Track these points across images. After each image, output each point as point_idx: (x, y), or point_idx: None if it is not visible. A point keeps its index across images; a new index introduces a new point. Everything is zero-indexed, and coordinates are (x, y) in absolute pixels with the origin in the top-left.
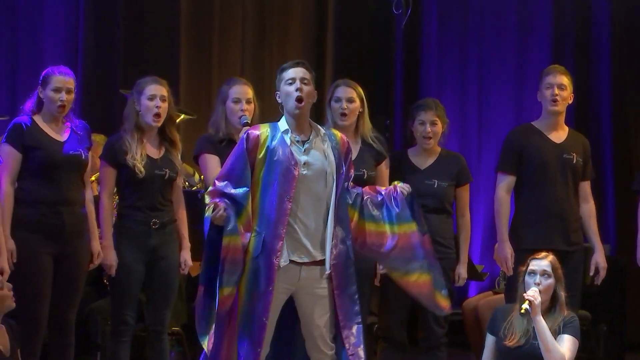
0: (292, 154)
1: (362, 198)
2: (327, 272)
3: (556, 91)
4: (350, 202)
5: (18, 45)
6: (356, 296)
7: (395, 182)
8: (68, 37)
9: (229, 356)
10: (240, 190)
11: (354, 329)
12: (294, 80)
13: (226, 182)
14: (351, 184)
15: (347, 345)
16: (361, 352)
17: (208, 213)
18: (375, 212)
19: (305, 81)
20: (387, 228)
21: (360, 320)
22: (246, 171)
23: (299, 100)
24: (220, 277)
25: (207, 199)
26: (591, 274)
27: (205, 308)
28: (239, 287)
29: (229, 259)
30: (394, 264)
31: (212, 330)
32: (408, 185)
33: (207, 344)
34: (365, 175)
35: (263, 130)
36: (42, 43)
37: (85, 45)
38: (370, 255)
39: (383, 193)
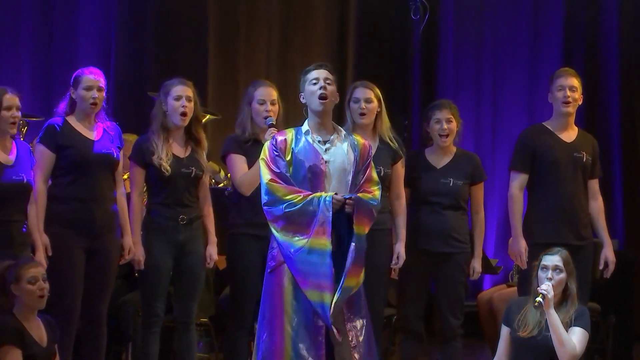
0: (316, 151)
1: None
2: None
3: (568, 93)
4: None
5: (53, 49)
6: (361, 290)
7: None
8: (101, 41)
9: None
10: None
11: (357, 322)
12: (317, 80)
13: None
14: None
15: (350, 337)
16: (362, 345)
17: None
18: None
19: (329, 81)
20: None
21: (364, 313)
22: (288, 171)
23: (323, 97)
24: None
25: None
26: (601, 267)
27: None
28: (283, 281)
29: None
30: None
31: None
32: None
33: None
34: (382, 173)
35: (289, 135)
36: (76, 48)
37: (117, 49)
38: None
39: None
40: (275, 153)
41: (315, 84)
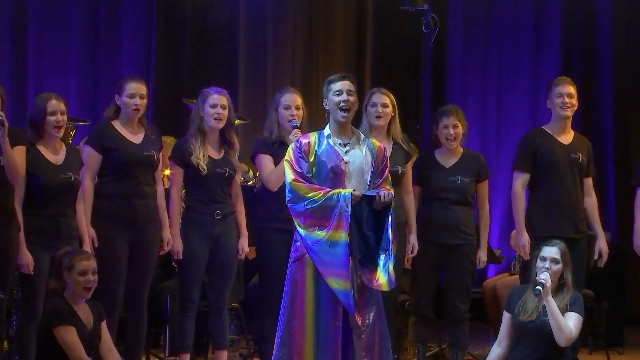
0: (337, 153)
1: None
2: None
3: (566, 99)
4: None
5: (99, 61)
6: None
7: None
8: (141, 52)
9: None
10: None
11: (367, 309)
12: (340, 92)
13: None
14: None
15: (359, 323)
16: (369, 328)
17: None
18: None
19: (351, 92)
20: None
21: (374, 301)
22: (309, 172)
23: (345, 109)
24: None
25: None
26: (595, 258)
27: None
28: (304, 271)
29: None
30: None
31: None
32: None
33: None
34: (400, 172)
35: (312, 138)
36: (119, 58)
37: (156, 60)
38: None
39: None
40: (299, 155)
41: (338, 95)
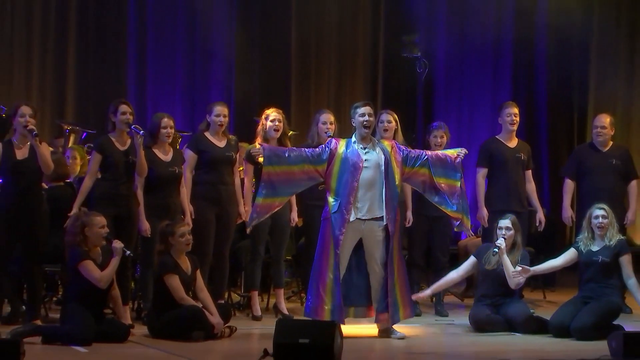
0: (359, 154)
1: (429, 159)
2: (384, 224)
3: (513, 118)
4: (418, 162)
5: (195, 89)
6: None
7: (456, 151)
8: (226, 84)
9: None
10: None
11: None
12: (364, 114)
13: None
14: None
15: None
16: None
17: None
18: (439, 171)
19: (370, 115)
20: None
21: (389, 254)
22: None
23: (367, 127)
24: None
25: None
26: (537, 224)
27: None
28: (328, 228)
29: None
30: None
31: None
32: (464, 152)
33: None
34: None
35: (342, 143)
36: (209, 85)
37: (236, 90)
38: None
39: (448, 157)
40: (330, 148)
41: (362, 116)
